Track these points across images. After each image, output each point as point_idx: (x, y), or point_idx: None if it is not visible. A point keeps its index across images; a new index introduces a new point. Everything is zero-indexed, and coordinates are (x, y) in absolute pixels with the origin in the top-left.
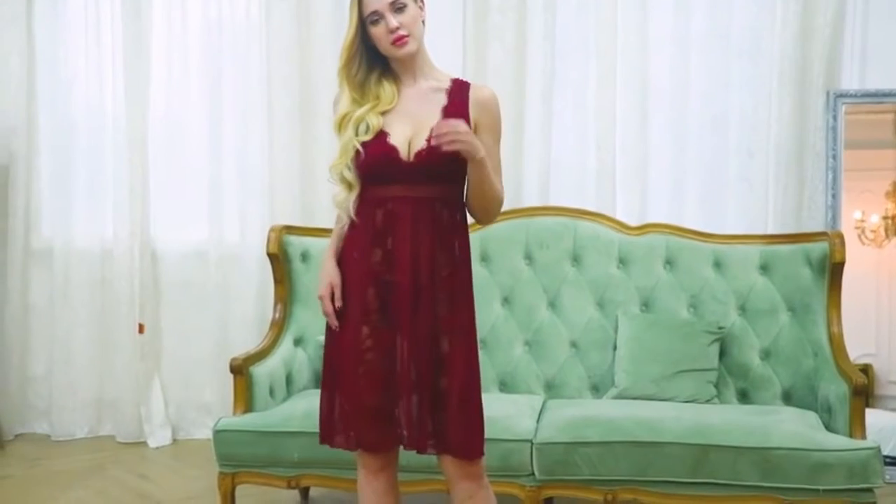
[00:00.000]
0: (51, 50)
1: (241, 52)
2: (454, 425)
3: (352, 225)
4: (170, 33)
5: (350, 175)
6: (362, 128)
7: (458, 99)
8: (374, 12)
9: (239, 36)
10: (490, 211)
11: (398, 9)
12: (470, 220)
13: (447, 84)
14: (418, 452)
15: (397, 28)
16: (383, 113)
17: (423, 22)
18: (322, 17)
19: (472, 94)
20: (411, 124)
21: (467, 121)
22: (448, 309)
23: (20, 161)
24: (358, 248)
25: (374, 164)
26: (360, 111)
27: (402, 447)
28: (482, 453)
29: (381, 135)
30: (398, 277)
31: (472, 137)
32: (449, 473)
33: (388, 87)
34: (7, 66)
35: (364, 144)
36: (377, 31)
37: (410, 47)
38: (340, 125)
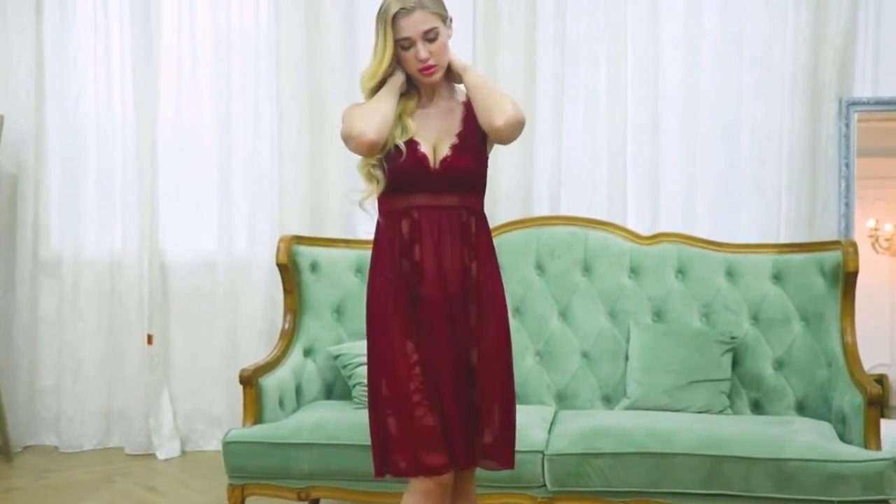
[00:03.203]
0: (60, 59)
1: (250, 62)
2: (490, 436)
3: (378, 242)
4: (179, 43)
5: (379, 173)
6: (397, 131)
7: (472, 110)
8: (406, 39)
9: (248, 45)
10: (500, 109)
11: (430, 39)
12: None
13: (462, 97)
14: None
15: (427, 59)
16: None
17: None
18: (332, 27)
19: None
20: (435, 134)
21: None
22: (477, 319)
23: (29, 171)
24: (387, 265)
25: (407, 171)
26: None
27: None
28: (513, 465)
29: (412, 143)
30: (427, 290)
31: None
32: (457, 486)
33: (409, 100)
34: (16, 76)
35: (397, 150)
36: (406, 55)
37: (436, 77)
38: None
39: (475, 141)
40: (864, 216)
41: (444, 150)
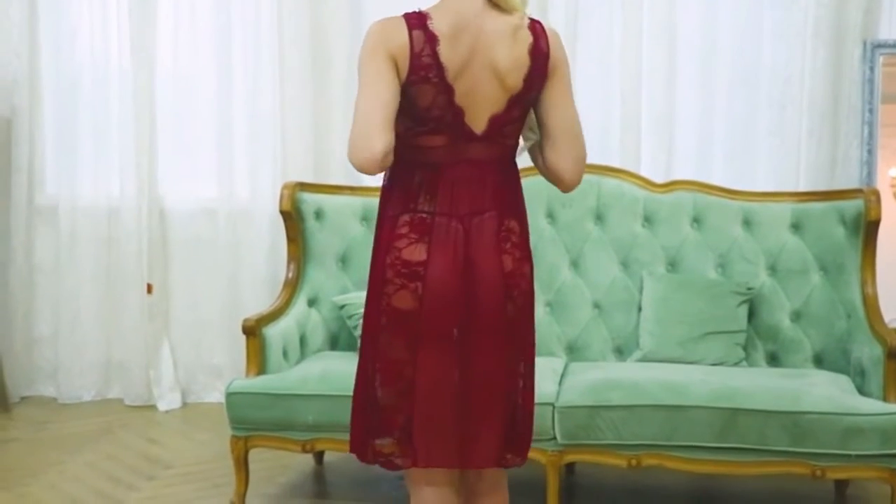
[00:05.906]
0: None
1: (250, 2)
2: None
3: None
4: None
5: None
6: None
7: None
8: None
9: None
10: None
11: None
12: None
13: None
14: None
15: None
16: None
17: None
18: None
19: None
20: None
21: None
22: None
23: (23, 115)
24: None
25: None
26: None
27: None
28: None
29: None
30: None
31: None
32: None
33: None
34: (7, 16)
35: None
36: None
37: None
38: None
39: None
40: (887, 165)
41: None
